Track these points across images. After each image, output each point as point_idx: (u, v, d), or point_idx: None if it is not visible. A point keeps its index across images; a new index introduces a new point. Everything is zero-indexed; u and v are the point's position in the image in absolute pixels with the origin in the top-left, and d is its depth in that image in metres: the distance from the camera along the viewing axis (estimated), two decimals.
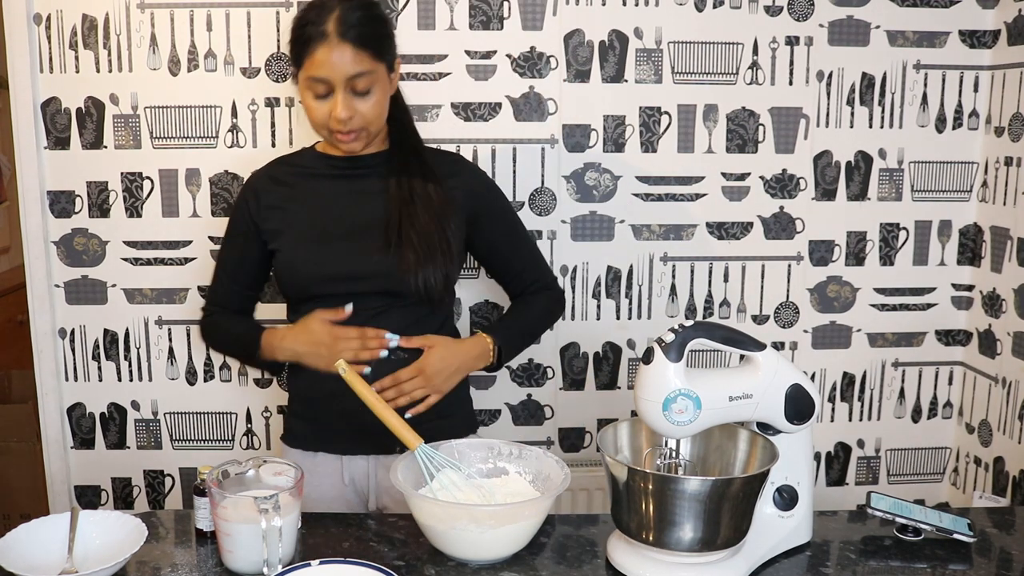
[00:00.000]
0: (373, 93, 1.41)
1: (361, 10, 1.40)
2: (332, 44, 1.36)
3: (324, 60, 1.37)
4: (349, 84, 1.39)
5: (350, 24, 1.37)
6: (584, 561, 1.21)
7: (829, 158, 2.10)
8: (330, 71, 1.37)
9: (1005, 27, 2.03)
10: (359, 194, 1.51)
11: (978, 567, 1.22)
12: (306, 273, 1.49)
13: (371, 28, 1.40)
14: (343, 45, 1.36)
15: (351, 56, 1.37)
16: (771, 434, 1.21)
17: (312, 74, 1.39)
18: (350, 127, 1.42)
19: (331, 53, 1.36)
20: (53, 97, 1.96)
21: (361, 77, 1.39)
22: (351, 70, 1.38)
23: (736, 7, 2.01)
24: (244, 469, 1.21)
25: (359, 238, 1.47)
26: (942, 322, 2.19)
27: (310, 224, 1.50)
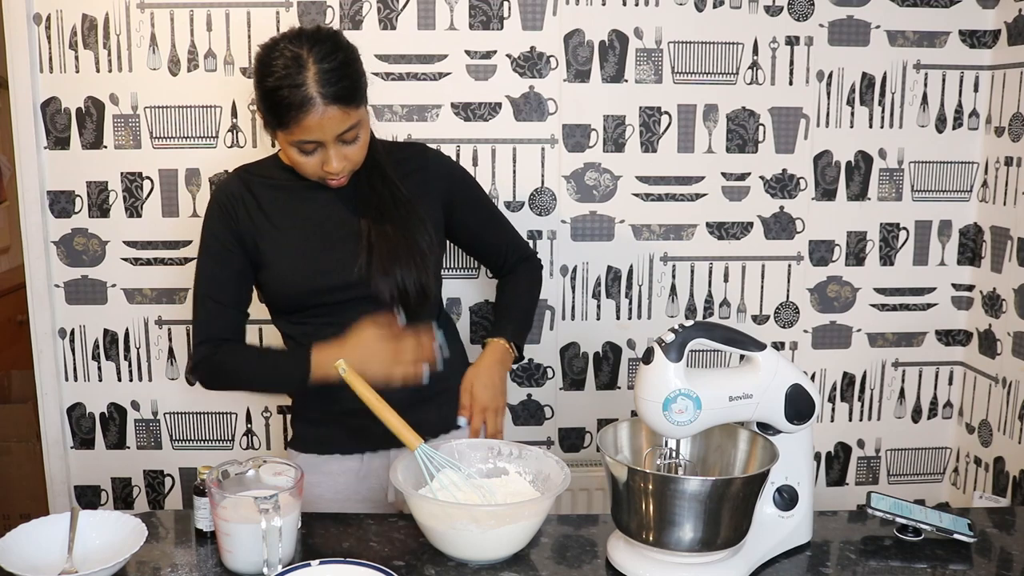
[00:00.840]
0: (360, 137, 1.40)
1: (335, 60, 1.34)
2: (319, 109, 1.32)
3: (313, 125, 1.33)
4: (340, 138, 1.37)
5: (332, 83, 1.32)
6: (584, 561, 1.21)
7: (829, 158, 2.10)
8: (321, 134, 1.35)
9: (1005, 27, 2.03)
10: (331, 203, 1.49)
11: (978, 567, 1.22)
12: (298, 286, 1.47)
13: (350, 80, 1.36)
14: (330, 108, 1.33)
15: (339, 116, 1.34)
16: (771, 434, 1.21)
17: (301, 138, 1.35)
18: (342, 174, 1.42)
19: (320, 118, 1.33)
20: (53, 97, 1.96)
21: (350, 130, 1.37)
22: (341, 128, 1.36)
23: (736, 7, 2.01)
24: (244, 469, 1.21)
25: (337, 248, 1.47)
26: (942, 322, 2.19)
27: (294, 236, 1.47)
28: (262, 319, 2.07)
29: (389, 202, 1.48)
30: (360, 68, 1.41)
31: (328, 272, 1.46)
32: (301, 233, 1.48)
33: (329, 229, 1.48)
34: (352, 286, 1.46)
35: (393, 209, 1.48)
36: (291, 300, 1.49)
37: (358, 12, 1.95)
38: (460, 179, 1.63)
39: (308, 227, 1.48)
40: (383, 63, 1.98)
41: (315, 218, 1.48)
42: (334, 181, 1.43)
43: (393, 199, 1.48)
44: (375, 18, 1.96)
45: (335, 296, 1.47)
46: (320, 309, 1.48)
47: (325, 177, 1.42)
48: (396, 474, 1.23)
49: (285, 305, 1.51)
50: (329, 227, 1.48)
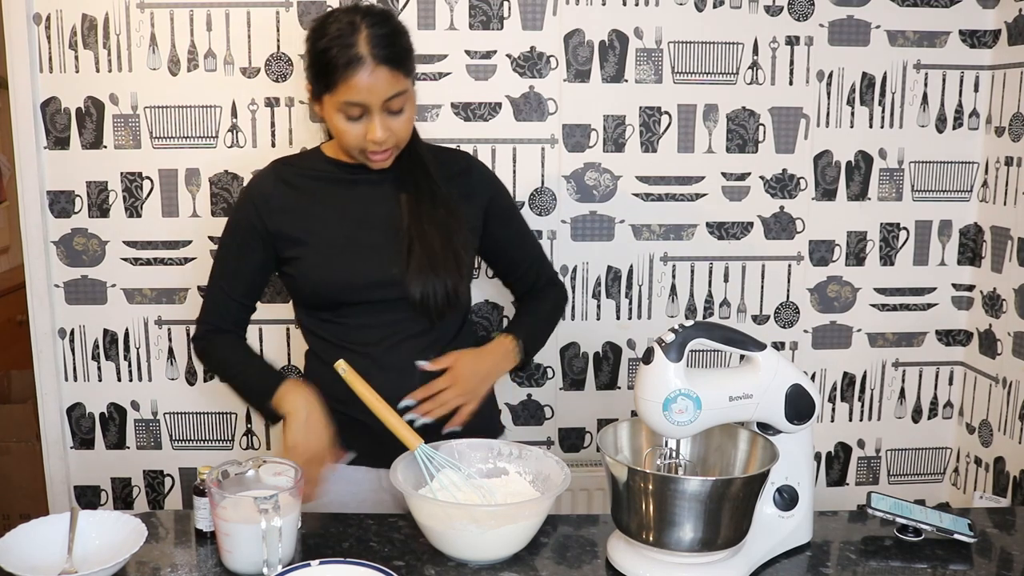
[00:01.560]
0: (405, 110, 1.39)
1: (387, 27, 1.36)
2: (369, 68, 1.32)
3: (362, 85, 1.33)
4: (385, 105, 1.36)
5: (382, 45, 1.33)
6: (584, 561, 1.21)
7: (829, 158, 2.10)
8: (368, 96, 1.34)
9: (1005, 27, 2.03)
10: (373, 199, 1.48)
11: (978, 567, 1.22)
12: (329, 282, 1.45)
13: (400, 46, 1.37)
14: (380, 68, 1.33)
15: (388, 78, 1.34)
16: (771, 434, 1.21)
17: (349, 99, 1.34)
18: (386, 146, 1.40)
19: (369, 77, 1.32)
20: (53, 97, 1.96)
21: (397, 98, 1.36)
22: (388, 92, 1.35)
23: (736, 7, 2.00)
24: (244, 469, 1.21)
25: (376, 246, 1.45)
26: (942, 322, 2.19)
27: (329, 231, 1.46)
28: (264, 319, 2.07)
29: (430, 202, 1.46)
30: (410, 44, 1.40)
31: (363, 269, 1.45)
32: (339, 227, 1.46)
33: (368, 225, 1.46)
34: (386, 285, 1.44)
35: (433, 210, 1.46)
36: (322, 295, 1.47)
37: None
38: (500, 191, 1.60)
39: (347, 221, 1.46)
40: None
41: (354, 213, 1.47)
42: (377, 157, 1.41)
43: (434, 199, 1.47)
44: None
45: (368, 294, 1.45)
46: (351, 308, 1.46)
47: (368, 151, 1.40)
48: (396, 474, 1.23)
49: (314, 300, 1.49)
50: (369, 223, 1.47)
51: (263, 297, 2.05)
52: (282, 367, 2.09)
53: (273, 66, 1.97)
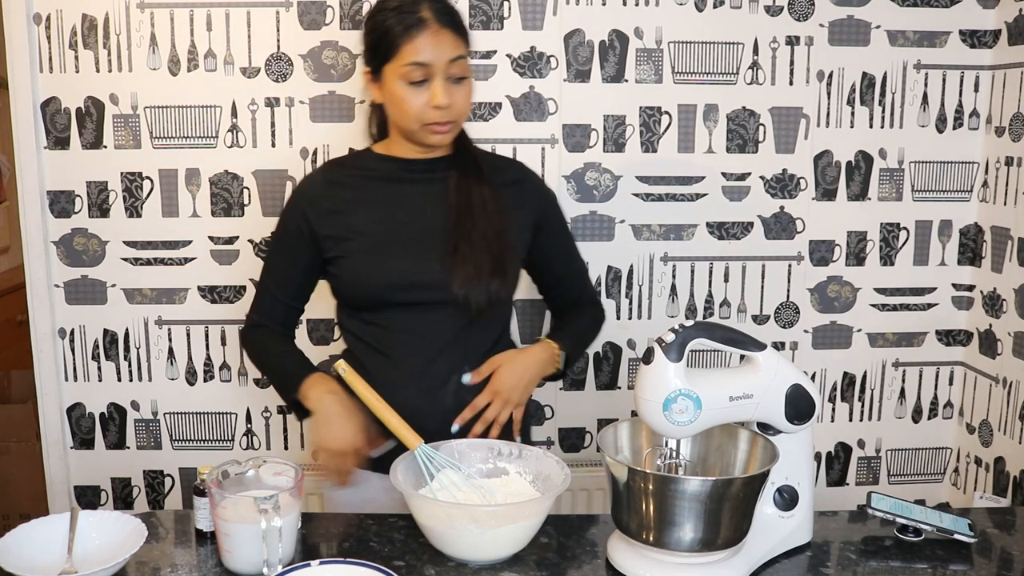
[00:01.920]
0: (466, 82, 1.40)
1: (447, 2, 1.41)
2: (433, 29, 1.35)
3: (426, 44, 1.35)
4: (448, 70, 1.36)
5: (444, 12, 1.37)
6: (584, 561, 1.21)
7: (829, 158, 2.10)
8: (433, 55, 1.35)
9: (1005, 27, 2.03)
10: (423, 198, 1.47)
11: (979, 567, 1.22)
12: (373, 281, 1.43)
13: (459, 18, 1.40)
14: (444, 30, 1.36)
15: (452, 41, 1.36)
16: (771, 434, 1.21)
17: (413, 59, 1.35)
18: (447, 117, 1.39)
19: (434, 37, 1.35)
20: (53, 97, 1.96)
21: (459, 61, 1.37)
22: (452, 53, 1.36)
23: (736, 7, 2.00)
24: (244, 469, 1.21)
25: (422, 246, 1.44)
26: (942, 322, 2.19)
27: (376, 229, 1.44)
28: None
29: (481, 206, 1.45)
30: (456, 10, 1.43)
31: (407, 268, 1.43)
32: (385, 226, 1.45)
33: (416, 224, 1.45)
34: (431, 287, 1.42)
35: (484, 214, 1.44)
36: (364, 294, 1.45)
37: (358, 12, 1.95)
38: (552, 202, 1.59)
39: (393, 220, 1.45)
40: None
41: (402, 212, 1.46)
42: (438, 129, 1.39)
43: (485, 202, 1.45)
44: None
45: (412, 295, 1.43)
46: (394, 309, 1.44)
47: (429, 122, 1.39)
48: (396, 474, 1.23)
49: (357, 300, 1.47)
50: (416, 222, 1.45)
51: None
52: None
53: (273, 66, 1.97)
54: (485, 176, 1.48)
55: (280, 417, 2.12)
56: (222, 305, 2.06)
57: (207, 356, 2.08)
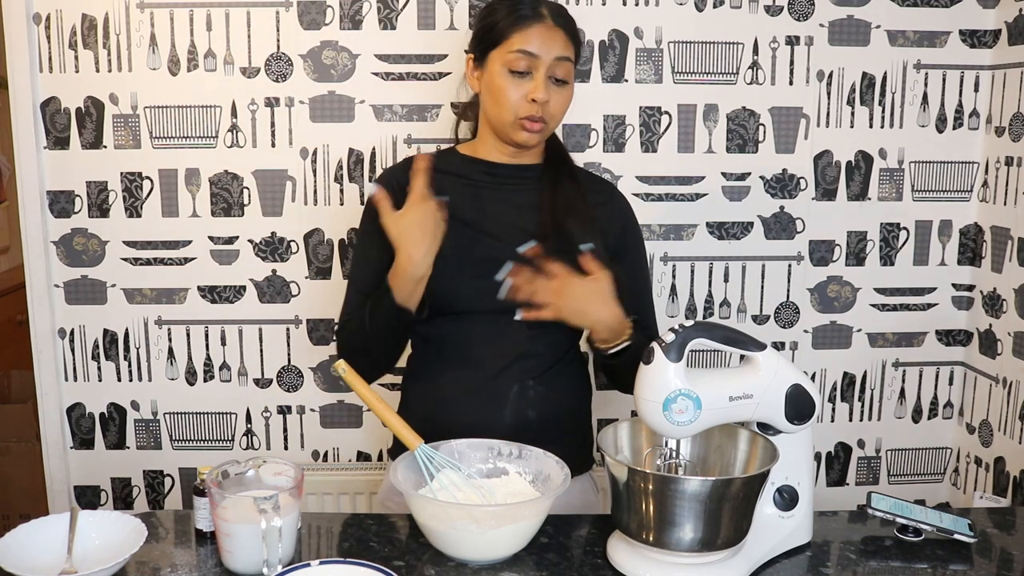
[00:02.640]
0: (567, 88, 1.40)
1: (565, 8, 1.42)
2: (547, 24, 1.37)
3: (537, 36, 1.36)
4: (552, 68, 1.37)
5: (561, 14, 1.40)
6: (584, 561, 1.21)
7: (829, 158, 2.09)
8: (541, 47, 1.36)
9: (1005, 27, 2.03)
10: (512, 205, 1.45)
11: (979, 567, 1.22)
12: (456, 286, 1.40)
13: (575, 24, 1.42)
14: (556, 29, 1.37)
15: (562, 40, 1.38)
16: (771, 434, 1.21)
17: (521, 47, 1.36)
18: (542, 113, 1.37)
19: (547, 31, 1.36)
20: (53, 97, 1.96)
21: (564, 62, 1.38)
22: (560, 51, 1.37)
23: (736, 7, 2.00)
24: (244, 469, 1.21)
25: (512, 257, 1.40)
26: (942, 322, 2.19)
27: (462, 233, 1.41)
28: (265, 319, 2.07)
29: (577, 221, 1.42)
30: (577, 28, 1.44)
31: (488, 275, 1.40)
32: (471, 231, 1.42)
33: (504, 231, 1.43)
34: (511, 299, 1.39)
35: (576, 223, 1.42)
36: (441, 299, 1.41)
37: (358, 12, 1.95)
38: (635, 229, 1.55)
39: (478, 225, 1.43)
40: (383, 63, 1.98)
41: (490, 217, 1.44)
42: (532, 125, 1.38)
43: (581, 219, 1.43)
44: (375, 18, 1.96)
45: (487, 303, 1.40)
46: (468, 316, 1.42)
47: (523, 116, 1.37)
48: (396, 474, 1.23)
49: (435, 304, 1.42)
50: (504, 229, 1.43)
51: (263, 296, 2.06)
52: (282, 367, 2.09)
53: (273, 66, 1.97)
54: (581, 191, 1.46)
55: (280, 417, 2.12)
56: (222, 305, 2.06)
57: (207, 356, 2.08)
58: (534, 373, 1.44)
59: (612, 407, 2.15)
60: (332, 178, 2.02)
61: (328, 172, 2.01)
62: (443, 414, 1.43)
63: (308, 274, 2.05)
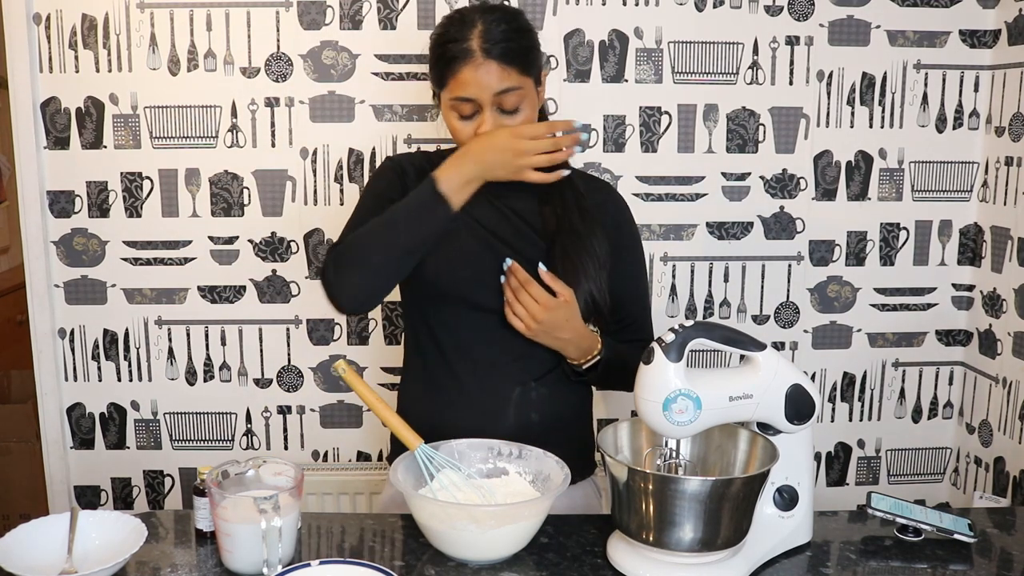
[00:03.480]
0: (522, 110, 1.33)
1: (505, 23, 1.32)
2: (477, 62, 1.29)
3: (469, 79, 1.29)
4: (496, 102, 1.31)
5: (495, 40, 1.29)
6: (584, 561, 1.21)
7: (829, 158, 2.10)
8: (476, 90, 1.30)
9: (1005, 27, 2.03)
10: (515, 207, 1.42)
11: (979, 567, 1.22)
12: (459, 283, 1.39)
13: (517, 42, 1.32)
14: (488, 63, 1.29)
15: (498, 74, 1.29)
16: (771, 434, 1.21)
17: (457, 94, 1.31)
18: None
19: (476, 71, 1.29)
20: (53, 97, 1.96)
21: (508, 94, 1.31)
22: (497, 87, 1.30)
23: (736, 7, 2.00)
24: (244, 469, 1.21)
25: (520, 259, 1.38)
26: (942, 322, 2.19)
27: (465, 233, 1.39)
28: (265, 319, 2.07)
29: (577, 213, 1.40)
30: (532, 41, 1.35)
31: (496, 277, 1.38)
32: (475, 230, 1.40)
33: (505, 228, 1.41)
34: None
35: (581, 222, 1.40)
36: (439, 290, 1.39)
37: (358, 12, 1.95)
38: (631, 228, 1.52)
39: (483, 225, 1.41)
40: (383, 63, 1.98)
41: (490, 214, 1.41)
42: None
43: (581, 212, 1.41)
44: (375, 18, 1.96)
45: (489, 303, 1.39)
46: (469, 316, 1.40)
47: None
48: (396, 474, 1.23)
49: (431, 294, 1.41)
50: (505, 227, 1.42)
51: (263, 296, 2.06)
52: (282, 367, 2.09)
53: (273, 66, 1.97)
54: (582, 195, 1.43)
55: (280, 417, 2.12)
56: (222, 305, 2.06)
57: (207, 356, 2.08)
58: (536, 375, 1.43)
59: (612, 407, 2.15)
60: (332, 178, 2.02)
61: (328, 172, 2.01)
62: (444, 416, 1.42)
63: (308, 274, 2.05)
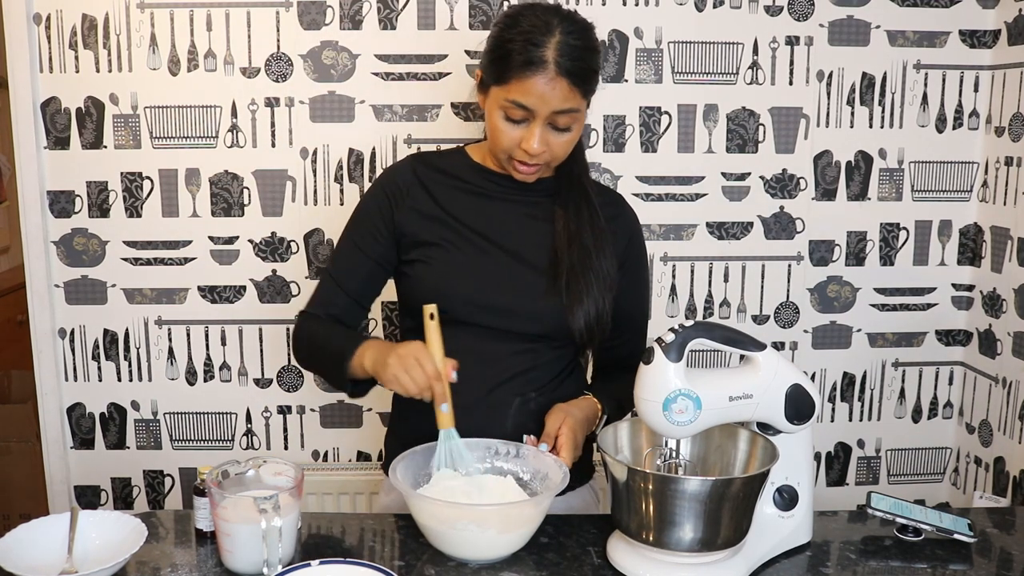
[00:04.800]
0: (571, 130, 1.31)
1: (582, 39, 1.27)
2: (549, 75, 1.24)
3: (535, 90, 1.24)
4: (552, 119, 1.28)
5: (571, 57, 1.25)
6: (584, 561, 1.21)
7: (829, 158, 2.10)
8: (538, 102, 1.25)
9: (1005, 27, 2.03)
10: (523, 218, 1.39)
11: (978, 567, 1.22)
12: (457, 296, 1.35)
13: (587, 63, 1.28)
14: (559, 80, 1.24)
15: (564, 93, 1.25)
16: (771, 434, 1.21)
17: (516, 99, 1.26)
18: (536, 160, 1.31)
19: (546, 84, 1.24)
20: (53, 97, 1.96)
21: (565, 115, 1.28)
22: (559, 106, 1.26)
23: (736, 7, 2.00)
24: (244, 469, 1.21)
25: (523, 272, 1.36)
26: (942, 322, 2.19)
27: (467, 243, 1.37)
28: (264, 319, 2.07)
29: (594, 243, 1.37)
30: (597, 61, 1.32)
31: (500, 292, 1.35)
32: (480, 241, 1.37)
33: (514, 247, 1.37)
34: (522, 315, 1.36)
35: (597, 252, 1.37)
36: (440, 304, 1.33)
37: (358, 12, 1.95)
38: (640, 245, 1.49)
39: (488, 237, 1.37)
40: (383, 63, 1.98)
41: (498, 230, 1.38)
42: (524, 168, 1.32)
43: (594, 230, 1.38)
44: (375, 18, 1.96)
45: (499, 321, 1.36)
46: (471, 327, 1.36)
47: (517, 159, 1.31)
48: (395, 473, 1.23)
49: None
50: (514, 245, 1.38)
51: (263, 296, 2.06)
52: (282, 367, 2.09)
53: (273, 66, 1.97)
54: (596, 207, 1.40)
55: (280, 417, 2.12)
56: (222, 305, 2.06)
57: (207, 356, 2.08)
58: (535, 385, 1.40)
59: None
60: (332, 178, 2.02)
61: (328, 172, 2.01)
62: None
63: (308, 274, 2.05)
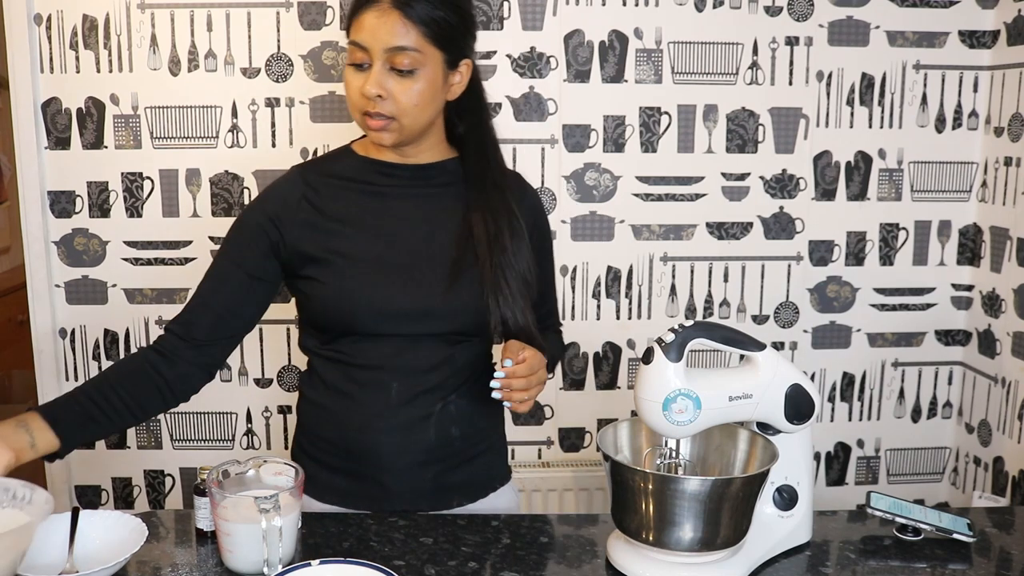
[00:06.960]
0: (416, 79, 1.21)
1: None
2: (381, 9, 1.19)
3: (367, 24, 1.20)
4: (388, 58, 1.20)
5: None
6: (584, 561, 1.21)
7: (829, 158, 2.10)
8: (370, 37, 1.20)
9: (1005, 27, 2.03)
10: (423, 214, 1.31)
11: (978, 567, 1.22)
12: (360, 310, 1.27)
13: (436, 10, 1.21)
14: (390, 12, 1.19)
15: (397, 26, 1.19)
16: (771, 434, 1.21)
17: (353, 38, 1.21)
18: (380, 109, 1.22)
19: (377, 19, 1.19)
20: (53, 97, 1.96)
21: (403, 52, 1.19)
22: (392, 41, 1.19)
23: (736, 7, 2.01)
24: (244, 469, 1.21)
25: (429, 269, 1.28)
26: (942, 322, 2.19)
27: (365, 250, 1.28)
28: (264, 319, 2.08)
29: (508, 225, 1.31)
30: (456, 17, 1.23)
31: (408, 296, 1.27)
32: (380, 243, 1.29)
33: (417, 244, 1.30)
34: (438, 316, 1.29)
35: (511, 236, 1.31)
36: (345, 325, 1.29)
37: None
38: (544, 223, 1.44)
39: (389, 236, 1.29)
40: None
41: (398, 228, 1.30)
42: (372, 122, 1.23)
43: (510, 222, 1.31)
44: None
45: (410, 326, 1.28)
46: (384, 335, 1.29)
47: (363, 110, 1.23)
48: None
49: (338, 329, 1.30)
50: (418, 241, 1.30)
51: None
52: (282, 366, 2.09)
53: (273, 66, 1.97)
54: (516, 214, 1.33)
55: (280, 417, 2.12)
56: None
57: None
58: (454, 388, 1.33)
59: (612, 407, 2.16)
60: None
61: None
62: (362, 436, 1.32)
63: None
